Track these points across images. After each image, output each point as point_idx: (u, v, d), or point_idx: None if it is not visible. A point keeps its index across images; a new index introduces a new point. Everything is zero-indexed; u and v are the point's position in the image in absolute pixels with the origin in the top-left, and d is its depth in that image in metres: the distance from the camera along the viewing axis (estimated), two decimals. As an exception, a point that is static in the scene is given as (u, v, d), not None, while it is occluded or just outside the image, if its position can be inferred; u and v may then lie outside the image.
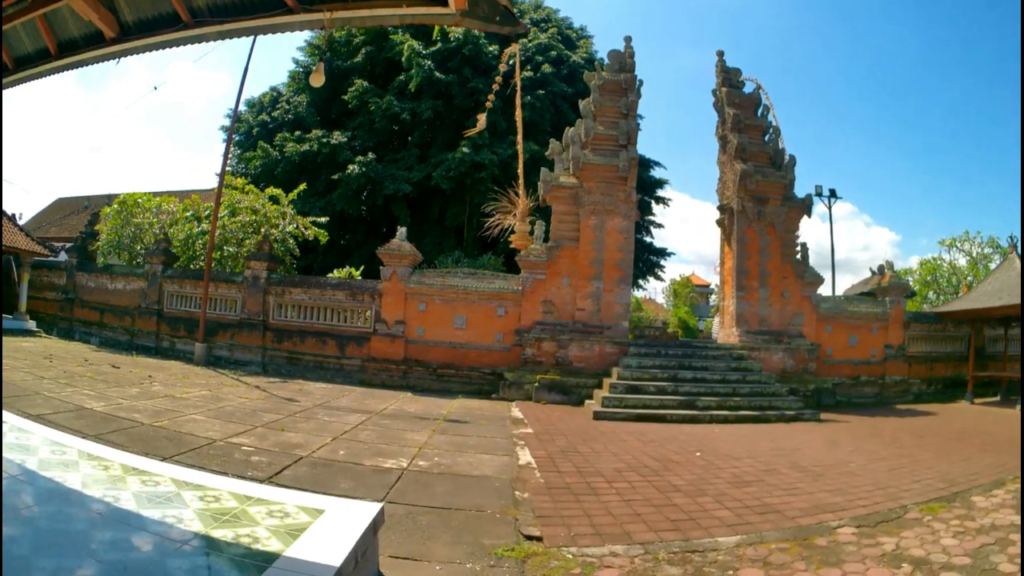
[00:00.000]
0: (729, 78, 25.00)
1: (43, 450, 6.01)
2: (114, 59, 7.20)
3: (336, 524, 4.77)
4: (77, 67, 7.40)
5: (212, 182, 25.18)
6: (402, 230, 22.84)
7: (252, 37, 24.57)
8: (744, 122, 23.98)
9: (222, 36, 6.51)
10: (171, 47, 6.85)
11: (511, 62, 26.40)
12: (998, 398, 23.38)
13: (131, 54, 7.06)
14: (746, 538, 6.55)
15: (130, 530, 4.27)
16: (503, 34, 6.20)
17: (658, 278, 56.85)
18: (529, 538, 6.37)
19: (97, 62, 7.30)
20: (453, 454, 10.26)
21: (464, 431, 12.91)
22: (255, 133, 48.52)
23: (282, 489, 5.81)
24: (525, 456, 10.45)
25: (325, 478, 8.08)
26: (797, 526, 6.98)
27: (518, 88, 26.38)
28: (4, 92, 7.07)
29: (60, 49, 7.18)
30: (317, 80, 8.63)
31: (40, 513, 4.36)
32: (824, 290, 24.72)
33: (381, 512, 5.09)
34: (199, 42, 6.65)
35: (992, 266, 41.90)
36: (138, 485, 5.34)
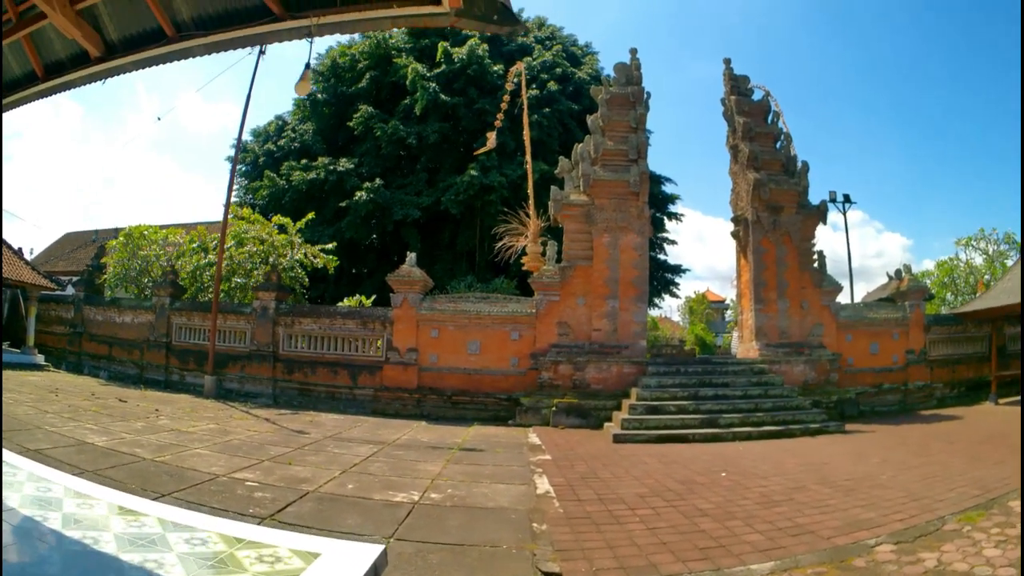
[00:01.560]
0: (737, 86, 24.66)
1: (27, 487, 5.63)
2: (100, 79, 7.07)
3: (332, 570, 4.31)
4: (64, 89, 7.28)
5: (220, 214, 25.06)
6: (411, 256, 22.53)
7: (255, 64, 24.49)
8: (755, 130, 23.63)
9: (208, 50, 6.38)
10: (158, 64, 6.70)
11: (517, 80, 26.19)
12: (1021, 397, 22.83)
13: (117, 73, 6.92)
14: (780, 563, 6.15)
15: (104, 576, 3.86)
16: (502, 34, 5.91)
17: (673, 295, 56.61)
18: (548, 575, 5.96)
19: (84, 83, 7.14)
20: (468, 485, 9.83)
21: (479, 460, 12.49)
22: (261, 163, 48.73)
23: (276, 530, 5.39)
24: (543, 485, 10.03)
25: (331, 515, 7.68)
26: (833, 547, 6.58)
27: (524, 106, 26.20)
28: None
29: (47, 71, 7.06)
30: (303, 89, 8.33)
31: (7, 553, 3.96)
32: (842, 298, 24.23)
33: (384, 554, 4.65)
34: (186, 57, 6.51)
35: (1009, 263, 41.32)
36: (122, 526, 4.92)
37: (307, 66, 8.05)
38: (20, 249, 31.04)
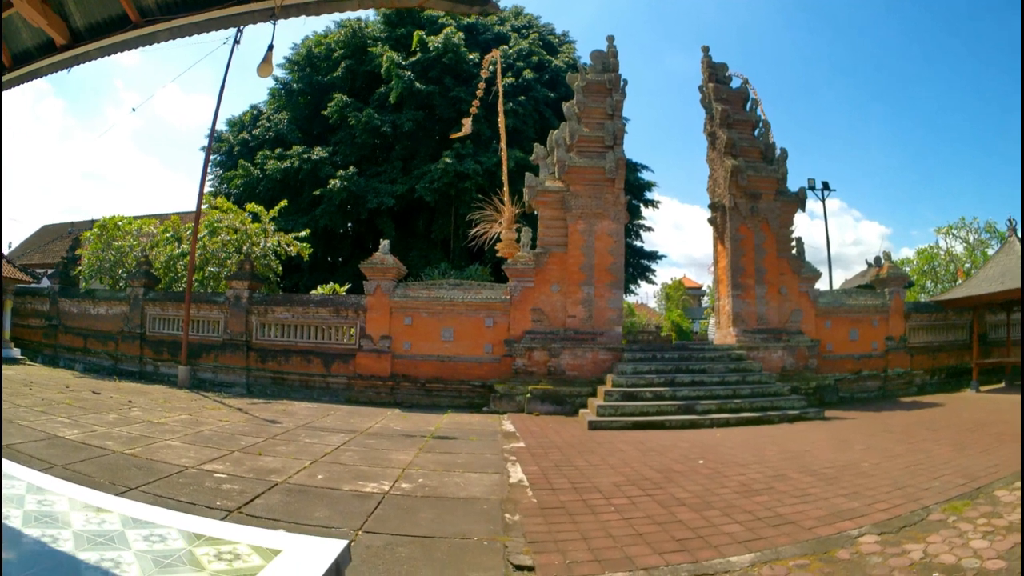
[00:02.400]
0: (716, 73, 24.48)
1: (-10, 485, 5.33)
2: (67, 68, 6.89)
3: (292, 567, 4.03)
4: (32, 78, 7.08)
5: (195, 204, 24.70)
6: (385, 243, 22.23)
7: (229, 53, 24.18)
8: (733, 117, 23.46)
9: (173, 35, 6.24)
10: (123, 50, 6.56)
11: (492, 68, 25.91)
12: (1003, 385, 22.76)
13: (83, 60, 6.75)
14: (761, 555, 5.93)
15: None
16: (473, 14, 5.67)
17: (650, 282, 56.70)
18: (519, 568, 5.71)
19: (51, 71, 6.96)
20: (439, 474, 9.60)
21: (452, 448, 12.24)
22: (236, 152, 48.28)
23: (238, 526, 5.11)
24: (516, 473, 9.81)
25: (299, 507, 7.46)
26: (815, 538, 6.37)
27: (500, 94, 25.92)
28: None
29: (15, 60, 6.87)
30: (265, 71, 8.08)
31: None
32: (821, 285, 24.16)
33: (347, 550, 4.39)
34: (151, 43, 6.37)
35: (990, 252, 41.43)
36: (81, 523, 4.62)
37: (270, 48, 7.82)
38: (-5, 243, 30.71)
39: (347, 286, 30.04)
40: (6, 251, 49.28)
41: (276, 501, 7.67)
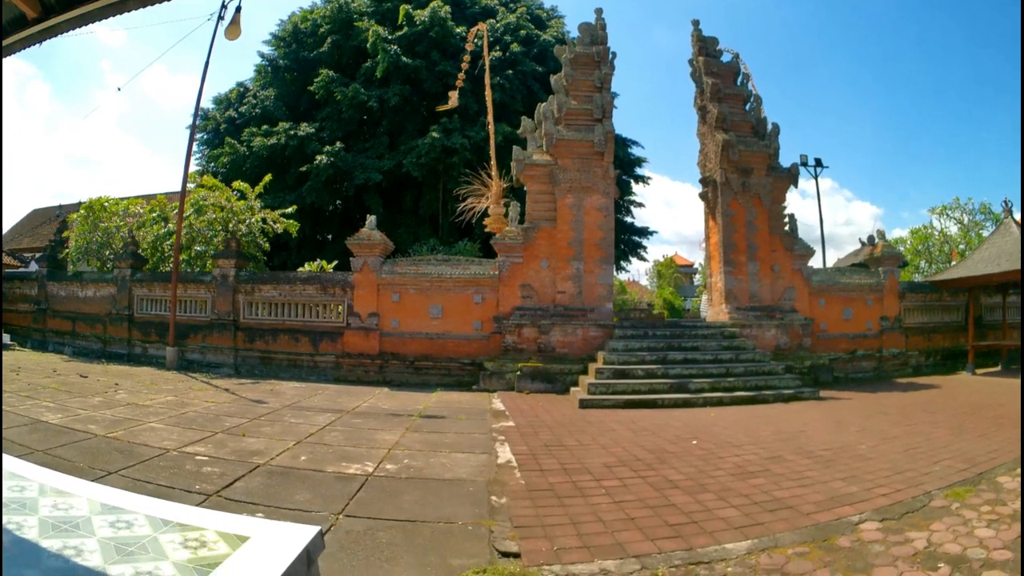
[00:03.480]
0: (706, 47, 24.13)
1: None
2: (38, 42, 6.57)
3: (259, 554, 3.80)
4: (7, 54, 6.74)
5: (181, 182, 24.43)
6: (371, 218, 21.88)
7: (213, 30, 23.78)
8: (723, 91, 23.15)
9: (144, 2, 5.74)
10: (95, 20, 6.15)
11: (478, 41, 25.64)
12: (999, 368, 22.69)
13: (55, 33, 6.38)
14: (758, 542, 5.71)
15: (18, 567, 3.38)
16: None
17: (641, 259, 56.52)
18: (505, 555, 5.49)
19: (24, 46, 6.62)
20: (425, 455, 9.38)
21: (440, 428, 12.02)
22: (223, 130, 47.86)
23: (208, 511, 4.89)
24: (505, 454, 9.59)
25: (280, 490, 7.26)
26: (814, 524, 6.15)
27: (487, 67, 25.69)
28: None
29: None
30: (233, 33, 7.84)
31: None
32: (814, 263, 23.90)
33: (319, 536, 4.16)
34: (121, 11, 5.90)
35: (985, 233, 41.32)
36: (49, 509, 4.40)
37: (238, 9, 7.59)
38: (-17, 229, 30.39)
39: (334, 263, 29.77)
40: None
41: (256, 484, 7.49)
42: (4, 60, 7.01)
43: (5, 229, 53.39)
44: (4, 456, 5.63)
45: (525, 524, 6.29)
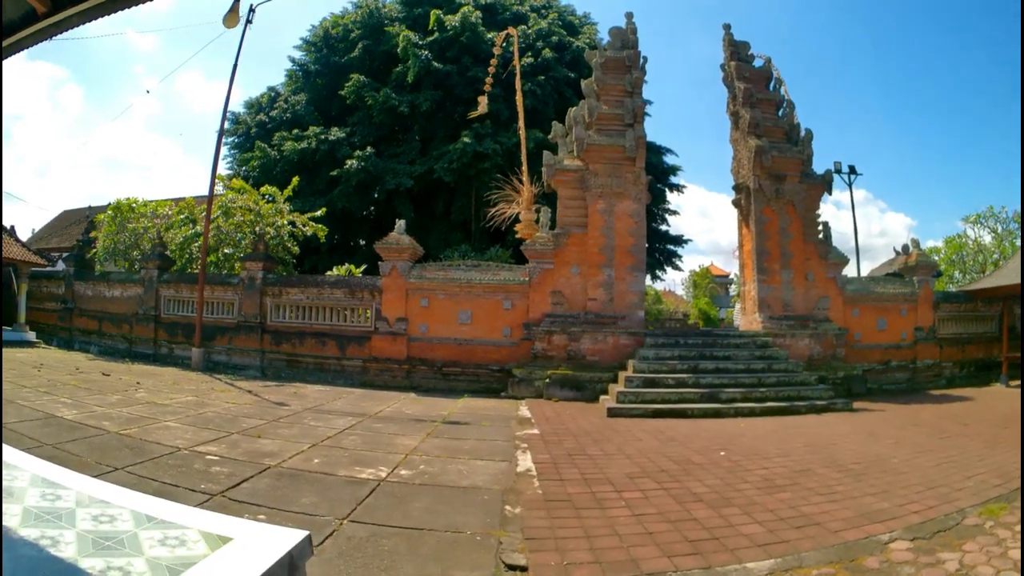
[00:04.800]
0: (737, 52, 23.85)
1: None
2: (49, 36, 6.46)
3: (238, 557, 3.73)
4: (18, 50, 6.66)
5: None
6: (400, 223, 21.75)
7: (241, 32, 23.70)
8: (756, 96, 22.81)
9: None
10: (104, 13, 6.03)
11: (507, 46, 25.51)
12: (1033, 380, 22.14)
13: (65, 28, 6.27)
14: (782, 562, 5.40)
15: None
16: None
17: (676, 268, 56.05)
18: (511, 567, 5.26)
19: (35, 41, 6.52)
20: (443, 461, 9.18)
21: (462, 434, 11.82)
22: (253, 134, 48.17)
23: (196, 510, 4.92)
24: (525, 462, 9.34)
25: (286, 492, 7.14)
26: (842, 543, 5.83)
27: (517, 71, 25.55)
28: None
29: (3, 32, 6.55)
30: (232, 21, 7.67)
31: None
32: (848, 273, 23.48)
33: (306, 542, 4.05)
34: (132, 5, 5.69)
35: (1018, 242, 40.53)
36: (36, 499, 4.45)
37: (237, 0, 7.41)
38: (13, 227, 30.82)
39: (362, 267, 29.79)
40: (28, 236, 49.77)
41: (263, 486, 7.41)
42: (17, 55, 6.97)
43: (36, 230, 54.16)
44: (6, 448, 5.58)
45: (537, 536, 6.04)
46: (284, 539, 4.09)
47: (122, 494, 5.10)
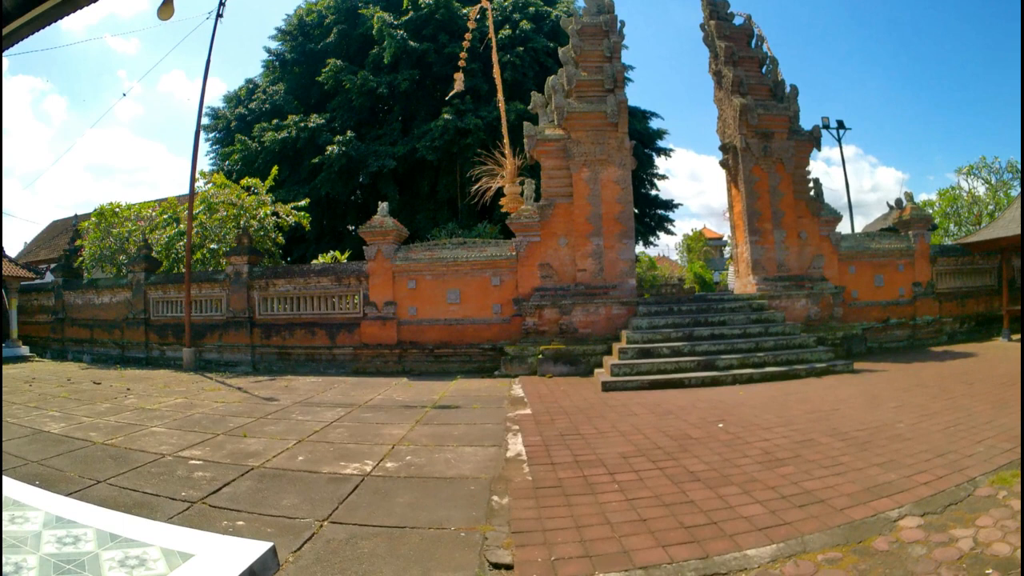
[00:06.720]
0: (717, 11, 23.37)
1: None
2: (50, 21, 6.21)
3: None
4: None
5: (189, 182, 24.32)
6: (383, 205, 21.41)
7: (212, 27, 23.39)
8: (738, 54, 22.42)
9: None
10: (53, 20, 5.87)
11: (481, 18, 25.18)
12: (1036, 333, 21.88)
13: (16, 40, 5.97)
14: (784, 547, 5.09)
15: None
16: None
17: (669, 232, 56.21)
18: (496, 566, 5.00)
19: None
20: (431, 450, 8.93)
21: (452, 419, 11.55)
22: (234, 127, 47.94)
23: (161, 525, 4.92)
24: (516, 445, 9.09)
25: (267, 494, 6.96)
26: (848, 522, 5.55)
27: (494, 44, 25.23)
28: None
29: None
30: (166, 12, 7.26)
31: None
32: (841, 229, 23.12)
33: (271, 554, 3.87)
34: (77, 8, 5.52)
35: (1013, 193, 40.25)
36: (5, 523, 4.45)
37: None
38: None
39: (347, 253, 29.65)
40: (19, 250, 49.73)
41: (245, 489, 7.28)
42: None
43: (28, 242, 54.15)
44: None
45: (524, 529, 5.77)
46: (246, 552, 3.95)
47: (89, 512, 4.93)
